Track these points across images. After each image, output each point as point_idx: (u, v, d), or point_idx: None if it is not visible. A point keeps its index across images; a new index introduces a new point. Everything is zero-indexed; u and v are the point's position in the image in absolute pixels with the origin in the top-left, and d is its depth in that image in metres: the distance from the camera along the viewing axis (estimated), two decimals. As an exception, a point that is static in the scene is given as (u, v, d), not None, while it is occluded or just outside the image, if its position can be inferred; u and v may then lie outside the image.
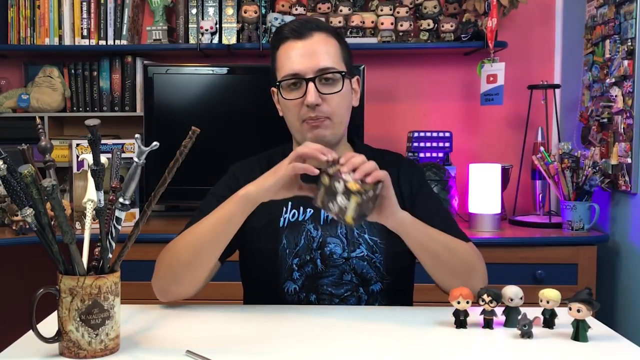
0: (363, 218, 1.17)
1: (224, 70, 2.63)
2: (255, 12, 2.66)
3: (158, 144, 1.04)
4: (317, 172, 1.19)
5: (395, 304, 1.43)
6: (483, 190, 2.43)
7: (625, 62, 2.24)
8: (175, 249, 1.33)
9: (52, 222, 1.02)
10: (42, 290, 1.03)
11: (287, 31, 1.40)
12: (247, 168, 1.49)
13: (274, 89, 1.46)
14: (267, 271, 1.41)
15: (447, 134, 2.65)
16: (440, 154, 2.65)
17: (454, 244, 1.34)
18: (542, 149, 2.51)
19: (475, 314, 1.21)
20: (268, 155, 1.53)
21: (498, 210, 2.43)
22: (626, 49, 2.24)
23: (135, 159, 1.04)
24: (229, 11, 2.73)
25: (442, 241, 1.31)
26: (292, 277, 1.40)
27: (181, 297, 1.34)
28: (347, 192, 1.14)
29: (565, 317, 1.16)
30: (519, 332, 1.15)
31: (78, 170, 2.36)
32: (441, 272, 1.32)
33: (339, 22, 2.65)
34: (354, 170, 1.17)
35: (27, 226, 2.27)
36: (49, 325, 1.12)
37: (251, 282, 1.51)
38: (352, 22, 2.67)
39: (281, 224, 1.41)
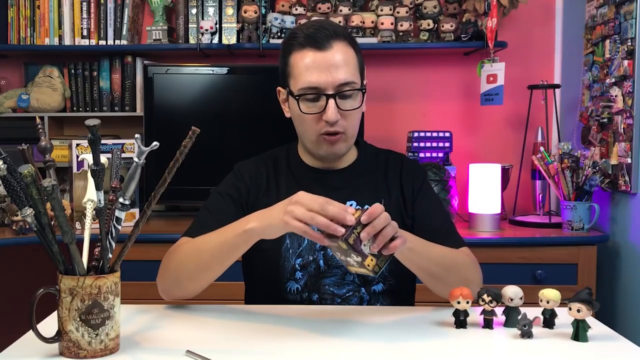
0: None
1: (224, 70, 2.63)
2: (255, 12, 2.66)
3: (158, 144, 1.04)
4: (326, 243, 1.14)
5: (397, 304, 1.43)
6: (483, 190, 2.43)
7: (625, 62, 2.24)
8: (180, 258, 1.33)
9: (52, 222, 1.02)
10: (42, 290, 1.03)
11: (304, 38, 1.35)
12: (252, 167, 1.49)
13: (280, 89, 1.45)
14: (270, 271, 1.42)
15: (447, 134, 2.65)
16: (440, 154, 2.65)
17: (451, 261, 1.33)
18: (542, 149, 2.51)
19: (475, 314, 1.21)
20: (273, 154, 1.53)
21: (498, 210, 2.43)
22: (626, 49, 2.24)
23: (135, 159, 1.04)
24: (229, 11, 2.73)
25: (439, 261, 1.31)
26: (294, 276, 1.40)
27: (184, 299, 1.36)
28: (362, 264, 1.12)
29: (565, 317, 1.16)
30: (519, 332, 1.15)
31: (78, 170, 2.36)
32: (437, 287, 1.33)
33: (339, 22, 2.65)
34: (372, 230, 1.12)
35: (27, 226, 2.27)
36: (49, 325, 1.12)
37: (254, 281, 1.51)
38: (352, 22, 2.67)
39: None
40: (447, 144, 2.65)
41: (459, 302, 1.18)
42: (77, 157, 2.36)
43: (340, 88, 1.34)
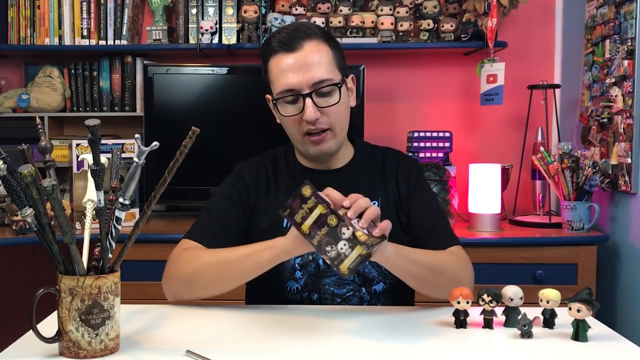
0: (356, 270, 1.12)
1: (224, 70, 2.63)
2: (255, 12, 2.66)
3: (158, 144, 1.04)
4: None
5: (397, 304, 1.43)
6: (483, 190, 2.42)
7: (625, 62, 2.24)
8: (197, 266, 1.32)
9: (52, 222, 1.02)
10: (42, 290, 1.03)
11: (276, 43, 1.37)
12: (252, 167, 1.50)
13: (268, 96, 1.46)
14: (270, 270, 1.41)
15: (447, 134, 2.65)
16: (440, 154, 2.65)
17: (439, 262, 1.33)
18: (542, 149, 2.51)
19: (475, 314, 1.21)
20: (272, 154, 1.53)
21: (498, 210, 2.43)
22: (626, 49, 2.24)
23: (135, 159, 1.04)
24: (229, 11, 2.73)
25: (426, 264, 1.30)
26: (294, 276, 1.40)
27: (190, 300, 1.36)
28: (354, 241, 1.09)
29: (565, 317, 1.16)
30: (519, 332, 1.15)
31: (78, 170, 2.36)
32: (427, 291, 1.33)
33: (339, 22, 2.65)
34: (359, 217, 1.14)
35: (27, 226, 2.27)
36: (49, 325, 1.12)
37: (254, 280, 1.51)
38: (352, 22, 2.67)
39: (285, 224, 1.42)
40: (447, 144, 2.65)
41: (459, 302, 1.18)
42: (77, 157, 2.36)
43: (316, 86, 1.35)
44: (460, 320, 1.20)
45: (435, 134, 2.64)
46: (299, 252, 1.23)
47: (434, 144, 2.64)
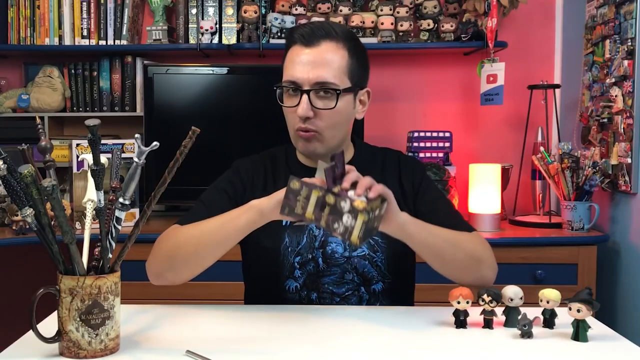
0: (368, 237, 1.14)
1: (224, 70, 2.63)
2: (255, 12, 2.66)
3: (158, 144, 1.04)
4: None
5: (396, 303, 1.43)
6: (483, 190, 2.43)
7: (625, 62, 2.24)
8: (177, 240, 1.33)
9: (52, 222, 1.02)
10: (42, 290, 1.03)
11: (297, 35, 1.38)
12: (250, 165, 1.50)
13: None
14: (269, 269, 1.42)
15: (447, 134, 2.65)
16: (440, 154, 2.65)
17: (457, 237, 1.33)
18: (542, 149, 2.51)
19: (475, 314, 1.21)
20: (271, 153, 1.53)
21: (498, 210, 2.43)
22: (626, 49, 2.24)
23: (135, 159, 1.05)
24: (229, 11, 2.73)
25: (444, 237, 1.31)
26: (293, 275, 1.40)
27: (174, 284, 1.34)
28: (354, 211, 1.11)
29: (565, 317, 1.16)
30: (519, 332, 1.15)
31: (78, 170, 2.36)
32: (448, 268, 1.32)
33: (339, 22, 2.65)
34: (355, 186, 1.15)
35: (27, 226, 2.27)
36: (49, 325, 1.12)
37: (253, 279, 1.52)
38: (352, 22, 2.67)
39: (284, 223, 1.42)
40: (447, 144, 2.65)
41: (459, 302, 1.18)
42: (77, 157, 2.36)
43: (316, 86, 1.35)
44: (460, 320, 1.20)
45: (435, 134, 2.64)
46: (274, 217, 1.22)
47: (434, 144, 2.64)
